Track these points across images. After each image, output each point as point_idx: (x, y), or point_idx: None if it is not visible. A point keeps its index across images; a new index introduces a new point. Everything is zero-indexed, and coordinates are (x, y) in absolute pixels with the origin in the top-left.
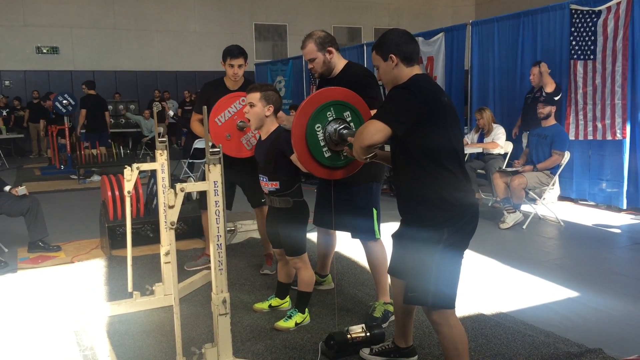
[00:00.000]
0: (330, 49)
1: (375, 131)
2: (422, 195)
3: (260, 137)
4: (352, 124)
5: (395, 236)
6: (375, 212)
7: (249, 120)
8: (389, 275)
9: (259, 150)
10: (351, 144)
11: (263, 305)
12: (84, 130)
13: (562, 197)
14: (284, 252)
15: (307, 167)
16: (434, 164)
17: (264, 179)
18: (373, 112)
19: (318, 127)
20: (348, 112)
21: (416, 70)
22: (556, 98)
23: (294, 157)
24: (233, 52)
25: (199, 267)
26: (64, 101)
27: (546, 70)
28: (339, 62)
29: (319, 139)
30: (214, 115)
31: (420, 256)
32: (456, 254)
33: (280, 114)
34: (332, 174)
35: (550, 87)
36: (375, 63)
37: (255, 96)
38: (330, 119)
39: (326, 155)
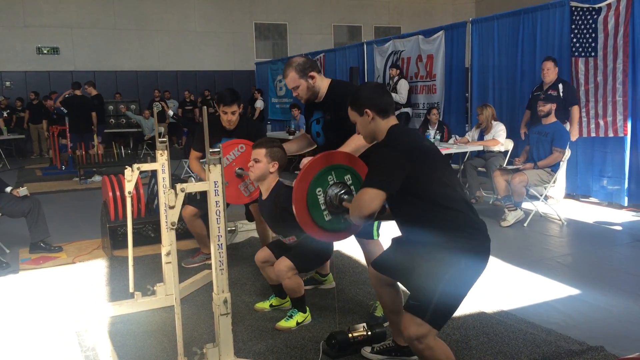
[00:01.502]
0: (311, 74)
1: (371, 199)
2: (433, 242)
3: (261, 194)
4: (352, 187)
5: (398, 241)
6: None
7: (250, 172)
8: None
9: (264, 211)
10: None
11: (264, 305)
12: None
13: (564, 194)
14: (268, 258)
15: (307, 231)
16: (437, 207)
17: (280, 237)
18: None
19: (319, 191)
20: (349, 176)
21: (392, 121)
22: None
23: None
24: (226, 99)
25: (196, 264)
26: None
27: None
28: (323, 85)
29: (320, 202)
30: None
31: (429, 270)
32: (465, 283)
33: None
34: (332, 236)
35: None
36: (352, 118)
37: (261, 152)
38: (331, 182)
39: (327, 219)
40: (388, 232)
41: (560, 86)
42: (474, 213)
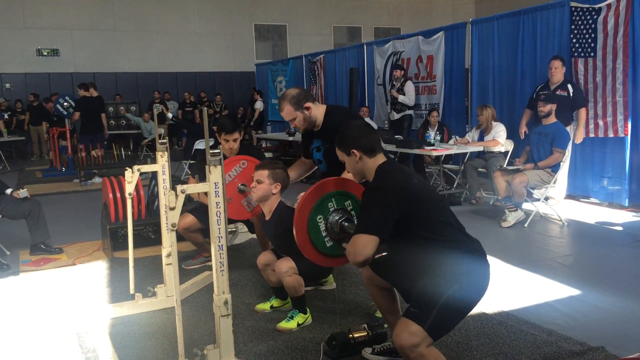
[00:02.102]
0: (307, 104)
1: (364, 246)
2: (432, 273)
3: (263, 215)
4: (353, 212)
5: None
6: None
7: (253, 193)
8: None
9: (268, 231)
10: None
11: (265, 306)
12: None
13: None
14: (269, 261)
15: (308, 257)
16: (432, 242)
17: (283, 257)
18: None
19: (320, 218)
20: (349, 201)
21: (380, 159)
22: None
23: None
24: (228, 127)
25: (196, 266)
26: (65, 103)
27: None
28: (319, 113)
29: (321, 229)
30: None
31: (435, 281)
32: (469, 299)
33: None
34: (333, 261)
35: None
36: (341, 158)
37: (263, 173)
38: (331, 209)
39: (328, 245)
40: None
41: (570, 87)
42: (471, 240)
